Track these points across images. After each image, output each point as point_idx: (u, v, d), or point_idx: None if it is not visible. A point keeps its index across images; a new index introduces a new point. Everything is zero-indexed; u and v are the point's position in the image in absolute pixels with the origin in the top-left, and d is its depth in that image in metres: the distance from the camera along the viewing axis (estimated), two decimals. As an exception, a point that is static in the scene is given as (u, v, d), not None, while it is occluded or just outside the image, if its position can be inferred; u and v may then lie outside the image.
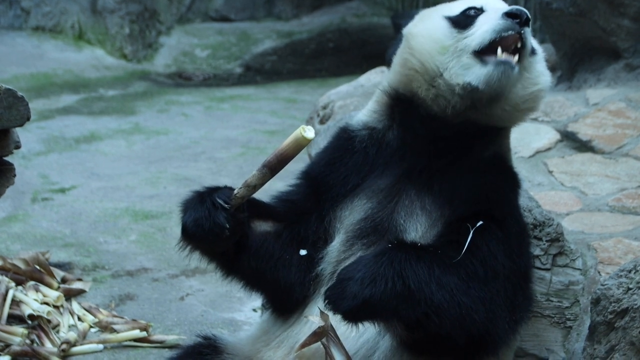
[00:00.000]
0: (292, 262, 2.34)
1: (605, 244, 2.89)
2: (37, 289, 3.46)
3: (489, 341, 2.23)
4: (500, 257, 2.19)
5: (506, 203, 2.27)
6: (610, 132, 3.74)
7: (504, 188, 2.29)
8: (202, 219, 2.20)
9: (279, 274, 2.36)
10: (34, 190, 4.66)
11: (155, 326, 3.38)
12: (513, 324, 2.25)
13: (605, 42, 4.29)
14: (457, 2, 2.31)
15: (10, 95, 2.71)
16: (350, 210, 2.34)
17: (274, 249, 2.34)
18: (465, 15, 2.23)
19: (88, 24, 7.01)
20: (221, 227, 2.19)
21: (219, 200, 2.20)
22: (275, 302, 2.46)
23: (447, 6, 2.32)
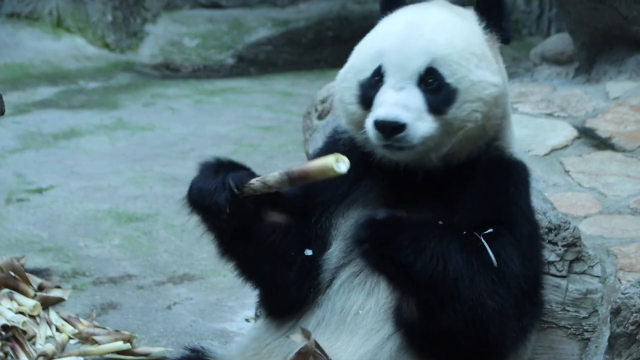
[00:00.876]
0: (295, 262, 2.36)
1: (626, 250, 2.90)
2: (11, 297, 3.46)
3: (495, 347, 2.26)
4: (513, 262, 2.21)
5: (514, 204, 2.29)
6: (632, 129, 3.75)
7: (509, 189, 2.30)
8: (206, 192, 2.26)
9: (278, 271, 2.38)
10: (9, 190, 4.66)
11: (140, 337, 3.39)
12: (520, 331, 2.29)
13: (626, 31, 4.30)
14: (368, 55, 2.30)
15: (-16, 87, 2.71)
16: (346, 218, 2.38)
17: (279, 243, 2.36)
18: (368, 86, 2.27)
19: (67, 10, 7.01)
20: (219, 208, 2.23)
21: (231, 182, 2.24)
22: (267, 298, 2.48)
23: (360, 54, 2.33)
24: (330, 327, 2.35)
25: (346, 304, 2.35)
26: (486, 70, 2.25)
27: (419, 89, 2.21)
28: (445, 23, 2.27)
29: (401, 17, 2.32)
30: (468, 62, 2.23)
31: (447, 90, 2.22)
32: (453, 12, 2.33)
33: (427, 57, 2.22)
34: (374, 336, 2.31)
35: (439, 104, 2.21)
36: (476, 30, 2.30)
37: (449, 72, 2.22)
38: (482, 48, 2.27)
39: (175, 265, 3.99)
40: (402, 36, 2.24)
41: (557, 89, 4.25)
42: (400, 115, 2.17)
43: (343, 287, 2.36)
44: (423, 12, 2.32)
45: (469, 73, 2.23)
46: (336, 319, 2.35)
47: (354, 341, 2.32)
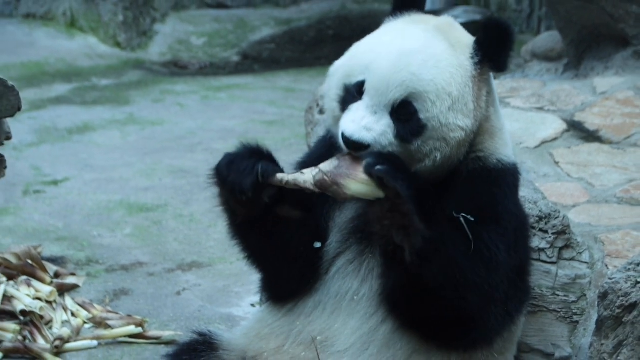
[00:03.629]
0: (302, 254, 2.36)
1: (613, 237, 2.90)
2: (29, 284, 3.46)
3: (480, 330, 2.27)
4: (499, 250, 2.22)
5: (499, 203, 2.28)
6: (618, 122, 3.74)
7: (493, 192, 2.30)
8: (235, 169, 2.24)
9: (285, 262, 2.39)
10: (26, 182, 4.66)
11: (150, 322, 3.39)
12: (506, 315, 2.29)
13: (613, 29, 4.28)
14: (359, 64, 2.27)
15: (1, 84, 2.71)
16: (341, 210, 2.38)
17: (290, 236, 2.36)
18: (351, 93, 2.26)
19: (80, 11, 6.99)
20: (241, 190, 2.22)
21: (260, 169, 2.23)
22: (270, 284, 2.48)
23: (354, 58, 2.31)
24: (327, 310, 2.36)
25: (341, 289, 2.36)
26: (458, 113, 2.23)
27: (390, 117, 2.21)
28: (434, 57, 2.23)
29: (397, 38, 2.27)
30: (442, 103, 2.21)
31: (417, 123, 2.21)
32: (448, 42, 2.28)
33: (405, 91, 2.20)
34: (369, 320, 2.32)
35: (406, 134, 2.21)
36: (464, 66, 2.25)
37: (422, 108, 2.20)
38: (462, 89, 2.23)
39: (184, 253, 3.99)
40: (389, 64, 2.21)
41: (547, 84, 4.24)
42: (365, 137, 2.17)
43: (338, 273, 2.37)
44: (418, 38, 2.27)
45: (440, 114, 2.21)
46: (332, 302, 2.36)
47: (351, 324, 2.34)
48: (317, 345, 2.33)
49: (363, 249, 2.35)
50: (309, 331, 2.36)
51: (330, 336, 2.35)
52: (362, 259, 2.34)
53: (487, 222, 2.22)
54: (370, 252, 2.35)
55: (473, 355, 2.37)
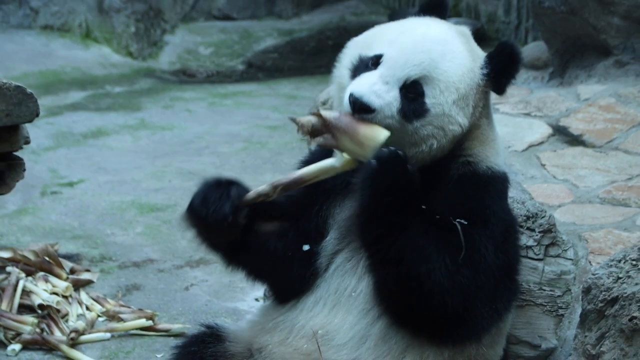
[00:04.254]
0: (294, 260, 2.36)
1: (595, 235, 2.89)
2: (46, 280, 3.46)
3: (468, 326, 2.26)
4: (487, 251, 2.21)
5: (487, 207, 2.27)
6: (600, 127, 3.74)
7: (482, 197, 2.28)
8: (210, 201, 2.23)
9: (280, 272, 2.39)
10: (43, 184, 4.66)
11: (160, 315, 3.39)
12: (494, 313, 2.28)
13: (595, 39, 4.28)
14: (381, 38, 2.27)
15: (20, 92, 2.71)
16: (342, 208, 2.36)
17: (276, 248, 2.36)
18: (365, 64, 2.24)
19: (95, 22, 6.99)
20: (223, 216, 2.22)
21: (234, 193, 2.23)
22: (276, 293, 2.48)
23: (374, 35, 2.31)
24: (327, 306, 2.36)
25: (340, 285, 2.35)
26: (460, 110, 2.22)
27: (399, 92, 2.19)
28: (454, 52, 2.23)
29: (424, 25, 2.28)
30: (450, 94, 2.20)
31: (421, 105, 2.20)
32: (467, 47, 2.28)
33: (421, 71, 2.19)
34: (366, 315, 2.32)
35: (409, 112, 2.19)
36: (475, 73, 2.26)
37: (430, 93, 2.20)
38: (468, 90, 2.23)
39: (192, 251, 3.98)
40: (412, 42, 2.21)
41: (533, 91, 4.24)
42: (374, 101, 2.15)
43: (337, 270, 2.36)
44: (443, 32, 2.27)
45: (445, 103, 2.20)
46: (332, 298, 2.36)
47: (349, 319, 2.33)
48: (318, 338, 2.33)
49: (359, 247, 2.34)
50: (311, 325, 2.35)
51: (330, 330, 2.34)
52: (359, 256, 2.33)
53: (475, 225, 2.21)
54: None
55: (464, 349, 2.36)
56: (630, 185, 3.27)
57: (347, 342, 2.33)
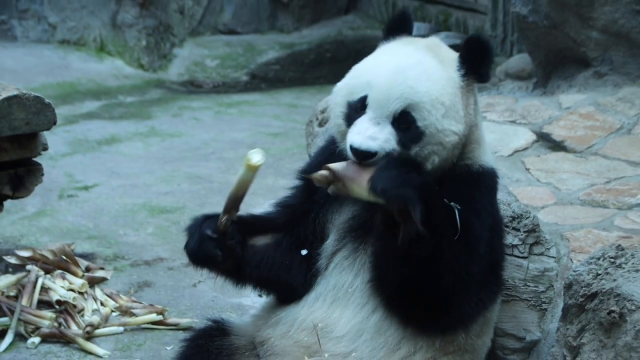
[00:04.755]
0: (292, 266, 2.38)
1: (576, 234, 2.90)
2: (63, 277, 3.46)
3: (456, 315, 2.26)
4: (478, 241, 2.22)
5: (477, 202, 2.28)
6: (580, 133, 3.75)
7: (474, 194, 2.29)
8: (196, 251, 2.29)
9: (282, 279, 2.41)
10: (61, 188, 4.66)
11: (170, 310, 3.39)
12: (479, 302, 2.29)
13: (575, 52, 4.29)
14: (360, 82, 2.27)
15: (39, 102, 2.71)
16: (339, 213, 2.38)
17: (274, 258, 2.38)
18: (354, 109, 2.25)
19: (109, 37, 7.00)
20: (213, 255, 2.28)
21: (207, 232, 2.28)
22: (282, 299, 2.48)
23: (355, 78, 2.31)
24: (327, 301, 2.37)
25: (338, 281, 2.36)
26: (451, 119, 2.22)
27: (392, 126, 2.20)
28: (426, 71, 2.23)
29: (393, 57, 2.28)
30: (437, 111, 2.21)
31: (415, 131, 2.21)
32: (437, 57, 2.28)
33: (404, 102, 2.20)
34: (362, 310, 2.33)
35: (407, 141, 2.20)
36: (453, 79, 2.26)
37: (420, 117, 2.20)
38: (453, 98, 2.24)
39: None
40: (387, 79, 2.21)
41: (518, 100, 4.24)
42: (372, 146, 2.16)
43: (336, 268, 2.37)
44: (411, 55, 2.27)
45: (436, 121, 2.20)
46: (331, 294, 2.37)
47: (347, 314, 2.34)
48: (318, 331, 2.33)
49: (357, 246, 2.35)
50: (311, 320, 2.36)
51: (329, 324, 2.34)
52: (356, 255, 2.34)
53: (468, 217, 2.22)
54: (362, 249, 2.35)
55: (454, 338, 2.37)
56: (608, 188, 3.27)
57: (345, 334, 2.33)
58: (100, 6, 6.93)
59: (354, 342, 2.33)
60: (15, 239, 3.99)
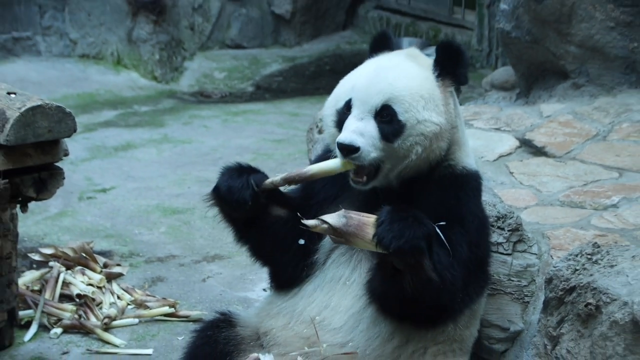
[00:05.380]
0: (291, 247, 2.36)
1: (556, 233, 2.90)
2: (83, 273, 3.47)
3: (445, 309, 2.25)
4: (462, 247, 2.21)
5: (463, 205, 2.27)
6: (560, 140, 3.75)
7: (459, 196, 2.28)
8: (234, 189, 2.24)
9: (277, 253, 2.38)
10: (80, 190, 4.66)
11: (181, 303, 3.39)
12: (466, 297, 2.29)
13: (555, 65, 4.30)
14: (344, 89, 2.28)
15: (60, 111, 2.72)
16: None
17: (279, 232, 2.36)
18: (342, 114, 2.26)
19: (125, 51, 7.00)
20: (245, 201, 2.24)
21: (252, 182, 2.24)
22: (273, 274, 2.47)
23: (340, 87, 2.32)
24: (324, 291, 2.36)
25: (335, 275, 2.36)
26: (432, 111, 2.21)
27: (375, 121, 2.19)
28: (405, 71, 2.24)
29: (374, 63, 2.30)
30: (417, 103, 2.20)
31: (397, 124, 2.19)
32: (415, 61, 2.29)
33: (384, 96, 2.20)
34: (359, 301, 2.32)
35: (389, 134, 2.19)
36: (429, 78, 2.26)
37: (401, 110, 2.20)
38: (431, 93, 2.23)
39: (209, 248, 3.99)
40: (368, 79, 2.23)
41: (503, 109, 4.25)
42: (355, 140, 2.16)
43: (333, 263, 2.37)
44: (391, 60, 2.29)
45: (416, 113, 2.20)
46: (328, 287, 2.36)
47: (344, 304, 2.33)
48: (315, 324, 2.32)
49: None
50: (309, 311, 2.36)
51: (327, 316, 2.34)
52: (353, 251, 2.34)
53: (453, 223, 2.20)
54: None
55: (444, 329, 2.36)
56: (585, 190, 3.27)
57: (342, 325, 2.32)
58: (117, 23, 6.94)
59: (351, 333, 2.32)
60: (39, 237, 3.99)
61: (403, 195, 2.27)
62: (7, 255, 3.01)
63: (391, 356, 2.32)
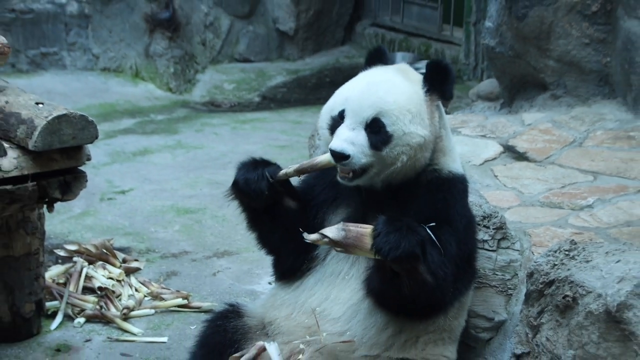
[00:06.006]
0: (295, 238, 2.35)
1: (537, 231, 2.90)
2: (104, 267, 3.47)
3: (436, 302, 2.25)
4: (451, 245, 2.20)
5: (451, 207, 2.27)
6: (540, 146, 3.75)
7: (446, 198, 2.29)
8: (251, 181, 2.26)
9: (282, 242, 2.38)
10: (101, 192, 4.67)
11: (193, 295, 3.39)
12: (455, 290, 2.29)
13: (535, 77, 4.31)
14: (339, 98, 2.29)
15: (83, 120, 2.72)
16: (335, 214, 2.37)
17: (287, 222, 2.36)
18: (336, 121, 2.27)
19: (142, 65, 7.01)
20: (262, 191, 2.25)
21: (267, 173, 2.26)
22: (274, 262, 2.46)
23: (336, 96, 2.33)
24: (324, 284, 2.36)
25: (335, 270, 2.36)
26: (417, 125, 2.22)
27: (365, 131, 2.20)
28: (394, 86, 2.24)
29: (367, 77, 2.30)
30: (404, 117, 2.21)
31: (385, 134, 2.20)
32: (405, 77, 2.29)
33: (375, 110, 2.20)
34: (356, 294, 2.32)
35: (378, 143, 2.20)
36: (418, 92, 2.26)
37: (389, 122, 2.20)
38: (418, 107, 2.24)
39: (219, 244, 3.99)
40: (361, 92, 2.23)
41: (488, 118, 4.25)
42: (346, 148, 2.17)
43: (333, 258, 2.37)
44: (382, 75, 2.29)
45: (403, 126, 2.20)
46: (328, 279, 2.36)
47: (343, 296, 2.33)
48: (316, 314, 2.32)
49: None
50: (310, 303, 2.36)
51: (327, 307, 2.34)
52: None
53: (442, 223, 2.21)
54: None
55: (434, 320, 2.36)
56: (563, 192, 3.27)
57: (341, 316, 2.32)
58: (135, 39, 6.95)
59: (349, 323, 2.32)
60: (64, 235, 3.99)
61: (387, 194, 2.28)
62: (35, 251, 3.02)
63: (385, 344, 2.32)
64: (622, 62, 4.00)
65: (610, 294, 2.16)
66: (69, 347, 2.99)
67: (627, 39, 3.94)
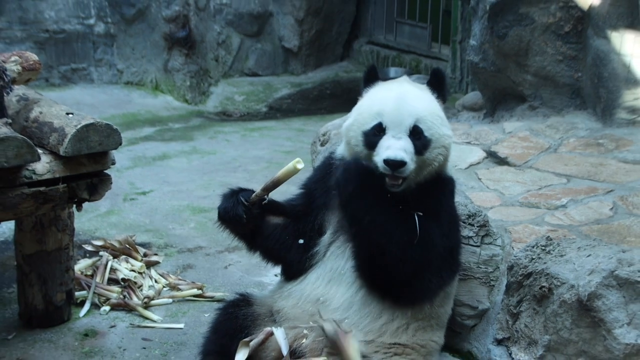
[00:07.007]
0: (292, 247, 2.38)
1: (517, 228, 2.91)
2: (127, 261, 3.47)
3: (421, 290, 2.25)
4: (435, 236, 2.21)
5: (439, 203, 2.29)
6: (519, 152, 3.76)
7: (438, 195, 2.30)
8: (228, 209, 2.29)
9: (282, 254, 2.40)
10: (125, 193, 4.68)
11: (207, 286, 3.39)
12: (439, 279, 2.29)
13: (515, 90, 4.32)
14: (369, 114, 2.26)
15: (109, 128, 2.74)
16: (334, 214, 2.38)
17: (280, 236, 2.38)
18: (371, 135, 2.23)
19: (162, 79, 7.03)
20: (239, 216, 2.28)
21: (241, 198, 2.28)
22: (282, 269, 2.49)
23: (362, 113, 2.29)
24: (325, 280, 2.38)
25: (334, 265, 2.37)
26: (445, 127, 2.26)
27: (410, 139, 2.21)
28: (419, 96, 2.26)
29: (390, 90, 2.29)
30: (436, 121, 2.23)
31: (425, 140, 2.22)
32: (417, 87, 2.32)
33: (414, 118, 2.21)
34: (351, 287, 2.33)
35: (420, 149, 2.21)
36: (433, 98, 2.29)
37: (426, 128, 2.22)
38: (441, 112, 2.28)
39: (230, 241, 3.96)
40: (396, 103, 2.22)
41: (472, 126, 4.26)
42: (404, 156, 2.17)
43: (332, 255, 2.38)
44: (403, 87, 2.29)
45: (437, 129, 2.23)
46: (328, 275, 2.37)
47: (340, 290, 2.34)
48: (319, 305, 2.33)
49: (347, 239, 2.36)
50: (314, 294, 2.37)
51: (328, 298, 2.35)
52: (346, 245, 2.35)
53: (429, 216, 2.22)
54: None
55: (422, 308, 2.36)
56: (540, 193, 3.28)
57: (339, 306, 2.34)
58: (155, 56, 6.98)
59: (346, 312, 2.33)
60: (91, 231, 4.00)
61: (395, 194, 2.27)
62: (65, 246, 3.02)
63: (379, 331, 2.32)
64: (592, 77, 4.01)
65: (581, 284, 2.17)
66: (95, 332, 3.00)
67: (596, 56, 3.95)
